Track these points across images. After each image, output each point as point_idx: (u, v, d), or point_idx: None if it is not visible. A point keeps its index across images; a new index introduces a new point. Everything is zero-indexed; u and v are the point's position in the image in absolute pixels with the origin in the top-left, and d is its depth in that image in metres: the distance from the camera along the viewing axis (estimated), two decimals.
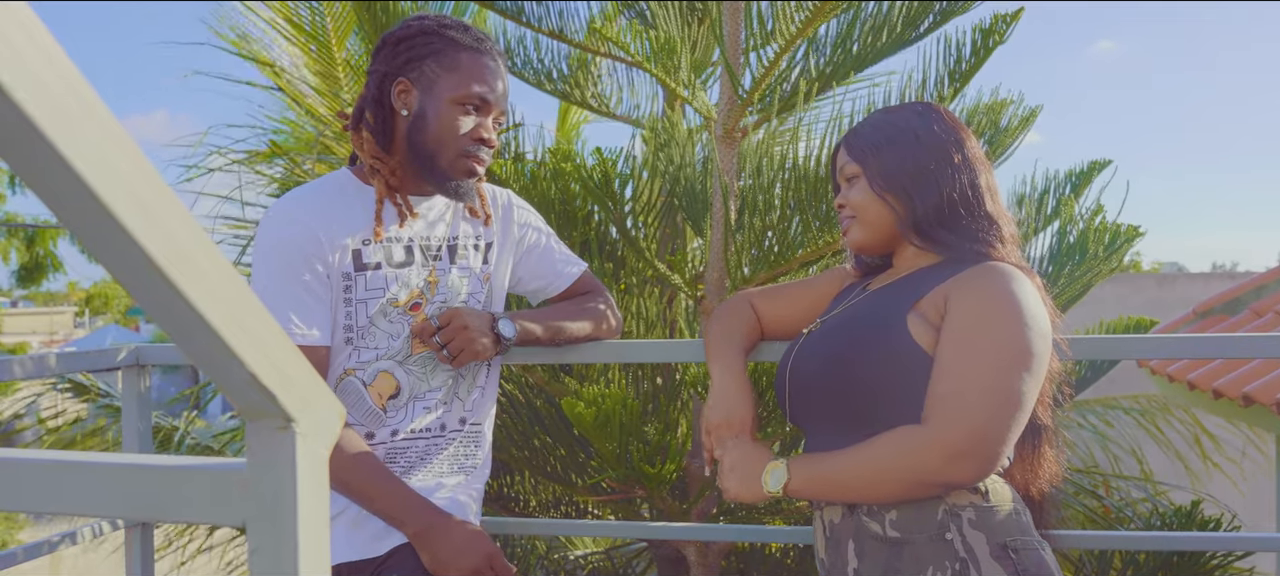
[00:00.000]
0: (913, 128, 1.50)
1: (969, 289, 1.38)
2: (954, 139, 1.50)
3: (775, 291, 1.79)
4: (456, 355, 1.67)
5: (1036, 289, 1.42)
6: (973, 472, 1.31)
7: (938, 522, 1.35)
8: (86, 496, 0.54)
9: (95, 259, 0.44)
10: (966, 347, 1.34)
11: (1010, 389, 1.31)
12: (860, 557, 1.41)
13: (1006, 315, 1.35)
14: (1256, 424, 4.83)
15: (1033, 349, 1.34)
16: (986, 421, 1.30)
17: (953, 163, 1.47)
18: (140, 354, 2.20)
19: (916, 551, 1.35)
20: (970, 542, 1.33)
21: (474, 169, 1.68)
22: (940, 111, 1.53)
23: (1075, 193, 2.77)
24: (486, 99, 1.66)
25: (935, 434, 1.31)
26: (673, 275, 2.72)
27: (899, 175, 1.49)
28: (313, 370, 0.53)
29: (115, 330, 28.16)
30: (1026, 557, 1.34)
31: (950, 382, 1.32)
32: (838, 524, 1.45)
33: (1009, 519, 1.37)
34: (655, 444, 2.31)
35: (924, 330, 1.40)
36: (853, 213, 1.54)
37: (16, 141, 0.38)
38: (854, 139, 1.55)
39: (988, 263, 1.42)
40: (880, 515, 1.38)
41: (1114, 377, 4.97)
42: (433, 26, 1.67)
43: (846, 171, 1.55)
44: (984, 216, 1.47)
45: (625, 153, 2.63)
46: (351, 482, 1.61)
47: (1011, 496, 1.41)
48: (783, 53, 2.66)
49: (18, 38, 0.37)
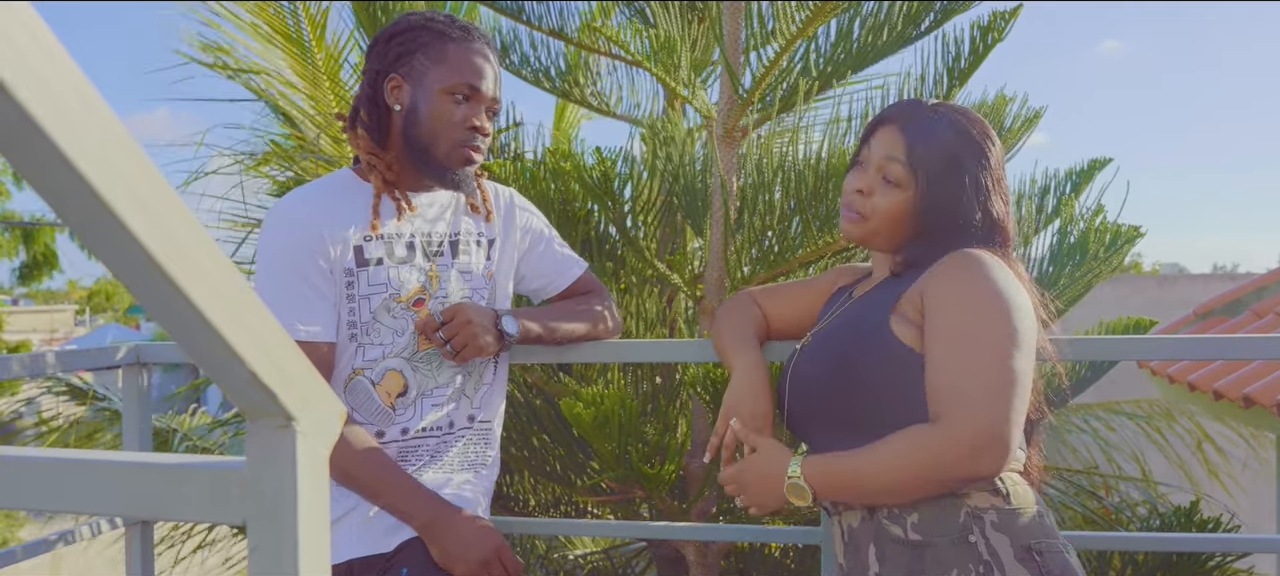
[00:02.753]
0: (976, 169, 1.43)
1: (944, 280, 1.38)
2: (1002, 186, 1.45)
3: (775, 290, 1.78)
4: (460, 350, 1.68)
5: (1011, 271, 1.40)
6: (992, 464, 1.29)
7: (960, 525, 1.33)
8: (86, 495, 0.54)
9: (97, 257, 0.44)
10: (956, 338, 1.33)
11: (1008, 372, 1.30)
12: (882, 561, 1.39)
13: (987, 299, 1.34)
14: (1257, 425, 4.83)
15: (1019, 327, 1.33)
16: (994, 410, 1.28)
17: (989, 213, 1.43)
18: (141, 352, 2.20)
19: (939, 554, 1.33)
20: (994, 545, 1.32)
21: (470, 157, 1.70)
22: (997, 144, 1.47)
23: (1076, 192, 2.77)
24: (476, 87, 1.68)
25: (950, 431, 1.29)
26: (672, 275, 2.72)
27: (941, 213, 1.43)
28: (313, 369, 0.53)
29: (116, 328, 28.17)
30: (1052, 560, 1.32)
31: (949, 376, 1.32)
32: (857, 528, 1.43)
33: (1033, 521, 1.35)
34: (654, 444, 2.31)
35: (906, 328, 1.39)
36: (869, 214, 1.47)
37: (19, 140, 0.38)
38: (919, 144, 1.44)
39: (957, 251, 1.40)
40: (902, 518, 1.37)
41: (1115, 380, 4.96)
42: (420, 22, 1.69)
43: (891, 172, 1.45)
44: (983, 237, 1.45)
45: (625, 152, 2.63)
46: (359, 477, 1.62)
47: (1035, 498, 1.40)
48: (783, 52, 2.66)
49: (20, 36, 0.37)
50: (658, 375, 3.02)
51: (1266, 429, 4.87)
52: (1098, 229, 2.59)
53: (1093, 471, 4.76)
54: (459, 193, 1.77)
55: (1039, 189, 2.78)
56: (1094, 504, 4.16)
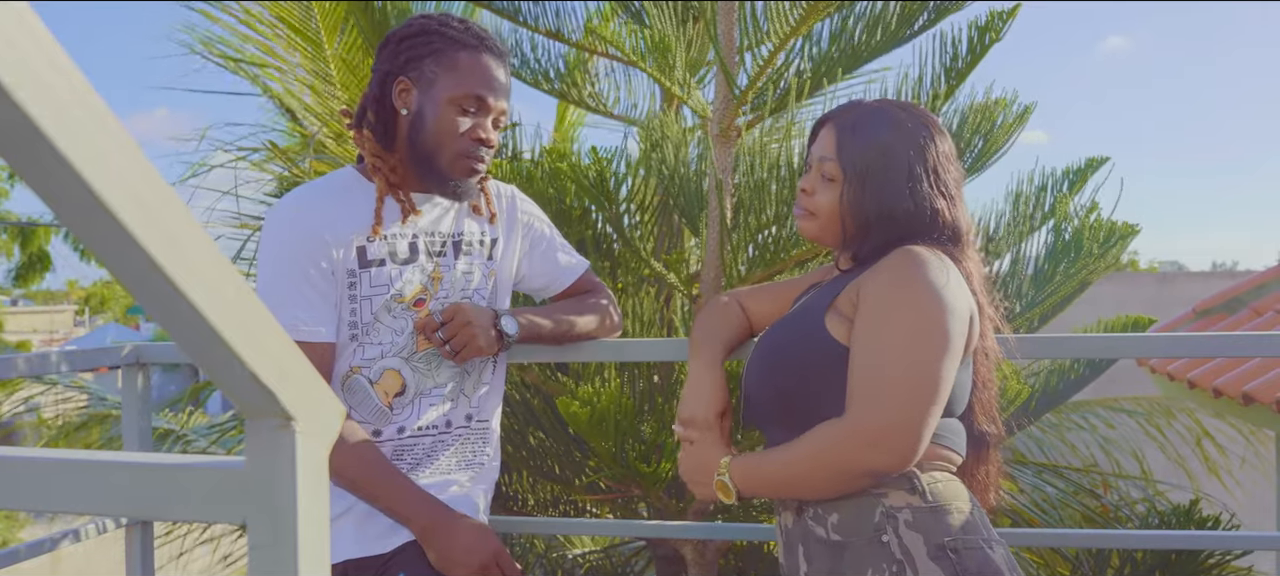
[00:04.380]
0: (908, 160, 1.42)
1: (876, 277, 1.38)
2: (943, 180, 1.44)
3: (760, 290, 1.79)
4: (459, 350, 1.67)
5: (957, 269, 1.40)
6: (891, 458, 1.29)
7: (875, 525, 1.33)
8: (87, 495, 0.54)
9: (96, 258, 0.44)
10: (875, 332, 1.33)
11: (921, 369, 1.30)
12: (809, 561, 1.40)
13: (914, 296, 1.33)
14: (1256, 422, 4.83)
15: (944, 327, 1.32)
16: (899, 405, 1.28)
17: (929, 207, 1.42)
18: (140, 352, 2.20)
19: (856, 554, 1.34)
20: (907, 544, 1.31)
21: (473, 168, 1.69)
22: (941, 138, 1.46)
23: (1072, 190, 2.77)
24: (484, 99, 1.66)
25: (850, 423, 1.31)
26: (669, 274, 2.73)
27: (875, 206, 1.42)
28: (313, 368, 0.54)
29: (115, 328, 28.17)
30: (969, 558, 1.31)
31: (861, 370, 1.32)
32: (790, 528, 1.45)
33: (953, 519, 1.34)
34: (651, 442, 2.31)
35: (840, 325, 1.40)
36: (815, 211, 1.49)
37: (17, 141, 0.38)
38: (847, 143, 1.46)
39: (900, 248, 1.40)
40: (824, 518, 1.38)
41: (1115, 378, 4.96)
42: (434, 25, 1.67)
43: (826, 169, 1.48)
44: (928, 236, 1.44)
45: (621, 152, 2.64)
46: (357, 479, 1.62)
47: (965, 496, 1.39)
48: (777, 51, 2.66)
49: (19, 37, 0.37)
50: (655, 374, 3.02)
51: (1266, 426, 4.87)
52: (1092, 226, 2.59)
53: (1092, 469, 4.76)
54: (461, 201, 1.77)
55: (1036, 187, 2.79)
56: (1093, 501, 4.16)
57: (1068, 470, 4.44)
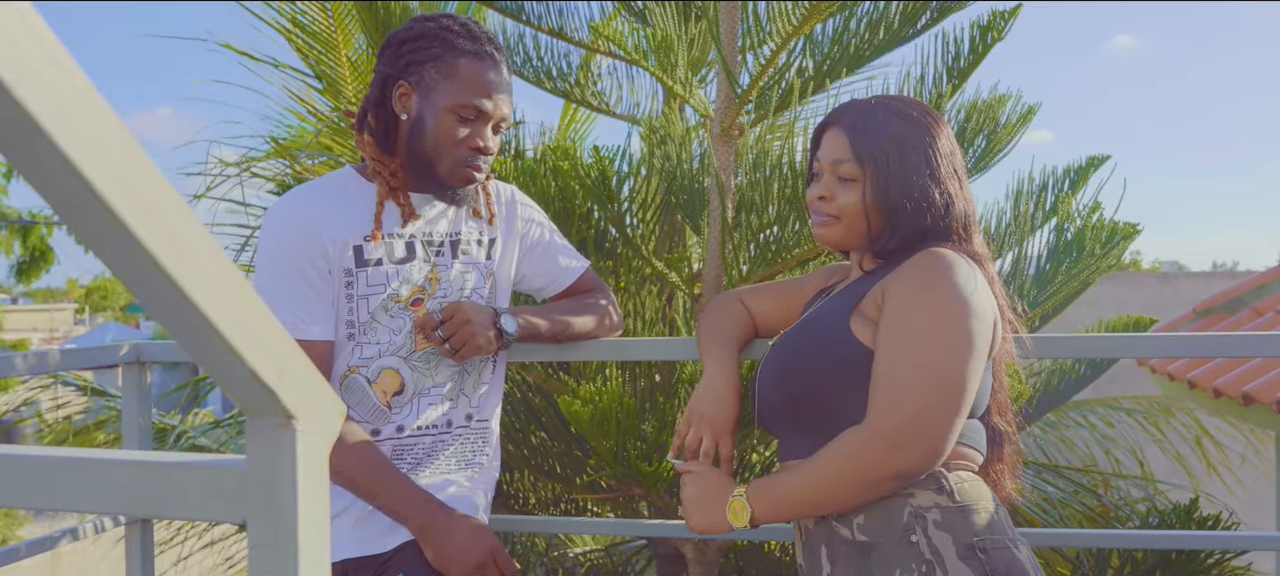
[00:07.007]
0: (923, 145, 1.42)
1: (903, 278, 1.37)
2: (954, 165, 1.45)
3: (763, 289, 1.78)
4: (459, 349, 1.67)
5: (981, 274, 1.39)
6: (915, 461, 1.28)
7: (903, 525, 1.32)
8: (87, 493, 0.54)
9: (97, 256, 0.44)
10: (899, 335, 1.32)
11: (945, 372, 1.29)
12: (833, 563, 1.39)
13: (938, 298, 1.32)
14: (1256, 422, 4.83)
15: (970, 330, 1.31)
16: (921, 407, 1.28)
17: (947, 192, 1.42)
18: (140, 350, 2.20)
19: (884, 554, 1.32)
20: (936, 544, 1.30)
21: (471, 176, 1.68)
22: (945, 126, 1.47)
23: (1074, 189, 2.77)
24: (484, 109, 1.65)
25: (872, 427, 1.29)
26: (671, 273, 2.73)
27: (901, 193, 1.41)
28: (313, 367, 0.54)
29: (115, 326, 28.19)
30: (997, 557, 1.30)
31: (883, 374, 1.31)
32: (812, 529, 1.44)
33: (981, 519, 1.33)
34: (652, 441, 2.31)
35: (865, 327, 1.38)
36: (837, 215, 1.46)
37: (18, 139, 0.38)
38: (861, 138, 1.44)
39: (924, 250, 1.39)
40: (849, 519, 1.36)
41: (1115, 377, 4.97)
42: (435, 29, 1.66)
43: (843, 170, 1.45)
44: (948, 232, 1.44)
45: (623, 150, 2.64)
46: (355, 478, 1.62)
47: (989, 496, 1.38)
48: (779, 50, 2.66)
49: (20, 35, 0.37)
50: (656, 373, 3.02)
51: (1266, 426, 4.87)
52: (1094, 226, 2.59)
53: (1092, 468, 4.76)
54: (460, 206, 1.76)
55: (1037, 186, 2.79)
56: (1093, 501, 4.16)
57: (1068, 470, 4.44)
